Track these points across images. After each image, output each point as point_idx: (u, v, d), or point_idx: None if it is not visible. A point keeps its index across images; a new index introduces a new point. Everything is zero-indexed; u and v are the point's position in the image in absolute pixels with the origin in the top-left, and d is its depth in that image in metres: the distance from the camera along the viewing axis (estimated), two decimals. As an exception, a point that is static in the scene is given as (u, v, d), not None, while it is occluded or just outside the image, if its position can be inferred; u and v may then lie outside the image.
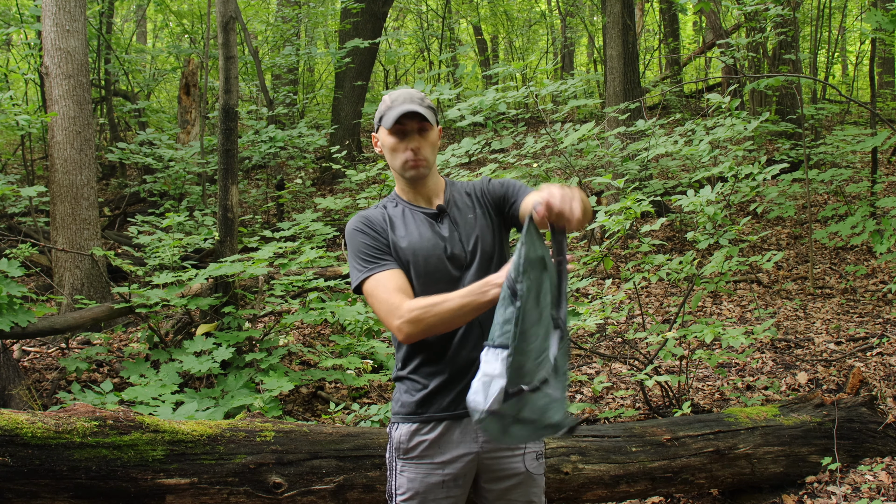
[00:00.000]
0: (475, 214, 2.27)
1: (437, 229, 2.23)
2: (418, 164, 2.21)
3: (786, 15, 7.80)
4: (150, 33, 17.96)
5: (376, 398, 5.35)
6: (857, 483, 3.60)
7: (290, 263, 5.52)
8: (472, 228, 2.24)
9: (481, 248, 2.22)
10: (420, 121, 2.20)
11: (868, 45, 13.99)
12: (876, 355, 5.40)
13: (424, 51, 17.03)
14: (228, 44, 5.64)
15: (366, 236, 2.19)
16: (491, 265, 2.23)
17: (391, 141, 2.22)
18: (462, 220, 2.25)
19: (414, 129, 2.20)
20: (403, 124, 2.19)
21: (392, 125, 2.19)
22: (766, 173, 4.75)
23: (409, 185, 2.28)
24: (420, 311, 2.03)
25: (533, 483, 2.24)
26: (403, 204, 2.29)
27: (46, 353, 5.87)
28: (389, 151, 2.24)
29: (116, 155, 9.98)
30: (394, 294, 2.09)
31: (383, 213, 2.27)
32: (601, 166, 9.20)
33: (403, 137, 2.20)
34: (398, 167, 2.24)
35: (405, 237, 2.21)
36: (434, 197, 2.29)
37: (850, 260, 7.98)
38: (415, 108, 2.17)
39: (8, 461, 2.41)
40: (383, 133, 2.24)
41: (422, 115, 2.18)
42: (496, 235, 2.27)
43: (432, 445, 2.17)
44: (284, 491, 2.79)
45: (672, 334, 4.29)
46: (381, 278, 2.13)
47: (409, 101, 2.19)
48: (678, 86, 14.38)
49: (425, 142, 2.22)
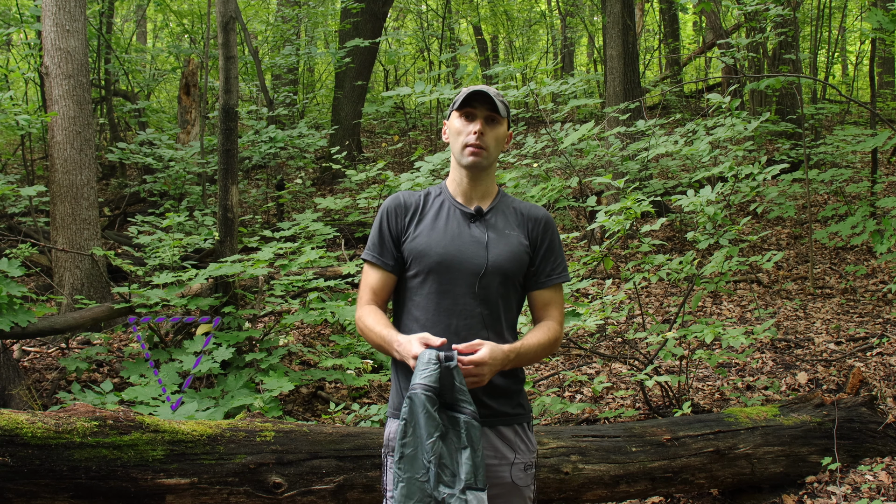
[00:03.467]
0: (516, 234, 2.24)
1: (469, 230, 2.21)
2: (478, 150, 2.18)
3: (786, 15, 7.79)
4: (150, 33, 17.96)
5: (376, 398, 5.35)
6: (857, 483, 3.60)
7: (290, 264, 5.52)
8: (505, 244, 2.20)
9: (503, 266, 2.18)
10: (490, 109, 2.18)
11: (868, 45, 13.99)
12: (876, 355, 5.40)
13: (424, 51, 17.02)
14: (228, 44, 5.64)
15: (385, 222, 2.25)
16: (507, 289, 2.21)
17: (458, 123, 2.21)
18: (497, 231, 2.22)
19: (482, 115, 2.19)
20: (473, 106, 2.19)
21: (462, 105, 2.19)
22: (766, 173, 4.74)
23: (464, 174, 2.24)
24: (362, 322, 2.21)
25: (518, 494, 2.20)
26: (447, 196, 2.27)
27: (46, 353, 5.87)
28: (454, 134, 2.23)
29: (116, 155, 9.97)
30: (365, 291, 2.25)
31: (421, 199, 2.27)
32: (601, 166, 9.21)
33: (470, 120, 2.20)
34: (458, 151, 2.21)
35: (427, 234, 2.20)
36: (480, 199, 2.26)
37: (850, 260, 7.98)
38: (487, 91, 2.17)
39: (8, 461, 2.41)
40: (453, 117, 2.24)
41: (493, 101, 2.17)
42: (522, 267, 2.24)
43: None
44: (284, 491, 2.79)
45: (672, 334, 4.29)
46: (369, 270, 2.27)
47: (484, 88, 2.19)
48: (678, 86, 14.38)
49: (491, 131, 2.20)
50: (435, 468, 1.94)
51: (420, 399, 1.95)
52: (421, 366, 1.98)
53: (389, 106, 13.53)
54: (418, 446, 1.94)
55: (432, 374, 1.96)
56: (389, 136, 15.15)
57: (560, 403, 4.47)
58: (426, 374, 1.96)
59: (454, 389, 1.99)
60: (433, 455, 1.93)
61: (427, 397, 1.95)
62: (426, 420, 1.94)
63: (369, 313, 2.20)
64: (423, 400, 1.94)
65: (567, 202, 6.98)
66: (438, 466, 1.94)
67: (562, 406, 4.45)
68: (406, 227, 2.22)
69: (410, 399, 1.96)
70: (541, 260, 2.26)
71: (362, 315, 2.21)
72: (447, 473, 1.95)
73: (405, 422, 1.96)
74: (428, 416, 1.94)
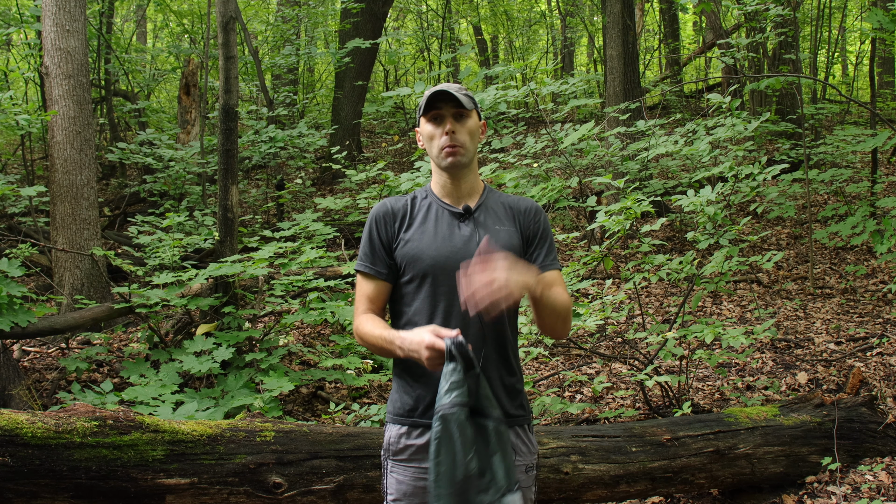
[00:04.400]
0: (506, 229, 2.22)
1: (458, 230, 2.19)
2: (455, 150, 2.16)
3: (786, 15, 7.79)
4: (150, 33, 17.96)
5: (376, 398, 5.35)
6: (857, 483, 3.60)
7: (290, 263, 5.52)
8: (497, 240, 2.17)
9: None
10: (456, 106, 2.16)
11: (868, 45, 13.99)
12: (876, 355, 5.40)
13: (424, 51, 17.03)
14: (228, 44, 5.64)
15: (374, 230, 2.22)
16: None
17: (428, 127, 2.19)
18: (488, 227, 2.20)
19: (450, 114, 2.17)
20: (438, 108, 2.17)
21: (427, 110, 2.17)
22: (766, 173, 4.74)
23: (446, 177, 2.23)
24: (360, 330, 2.18)
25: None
26: (433, 198, 2.26)
27: (46, 353, 5.87)
28: (427, 139, 2.21)
29: (116, 155, 9.97)
30: (360, 301, 2.23)
31: (408, 204, 2.25)
32: (601, 166, 9.20)
33: (439, 122, 2.18)
34: (435, 155, 2.20)
35: (417, 238, 2.18)
36: (467, 197, 2.24)
37: (850, 260, 7.98)
38: (448, 89, 2.14)
39: (8, 461, 2.41)
40: (422, 122, 2.22)
41: (456, 98, 2.14)
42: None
43: (420, 451, 2.14)
44: (284, 491, 2.79)
45: (672, 334, 4.29)
46: (362, 281, 2.24)
47: (444, 86, 2.17)
48: (678, 86, 14.38)
49: (462, 127, 2.18)
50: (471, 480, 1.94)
51: (455, 418, 1.93)
52: (446, 382, 1.93)
53: (389, 106, 13.53)
54: (454, 463, 1.92)
55: (462, 390, 1.93)
56: (389, 136, 15.15)
57: (560, 403, 4.47)
58: (456, 391, 1.93)
59: (479, 396, 1.99)
60: (471, 470, 1.93)
61: (461, 416, 1.93)
62: (461, 438, 1.93)
63: (367, 320, 2.18)
64: (459, 418, 1.93)
65: (567, 202, 6.98)
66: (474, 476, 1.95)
67: (562, 406, 4.45)
68: (396, 233, 2.21)
69: (444, 419, 1.92)
70: (535, 249, 2.24)
71: (360, 323, 2.19)
72: (483, 482, 1.95)
73: (438, 440, 1.92)
74: (463, 434, 1.93)
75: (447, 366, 1.94)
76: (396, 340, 2.06)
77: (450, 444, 1.92)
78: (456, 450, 1.91)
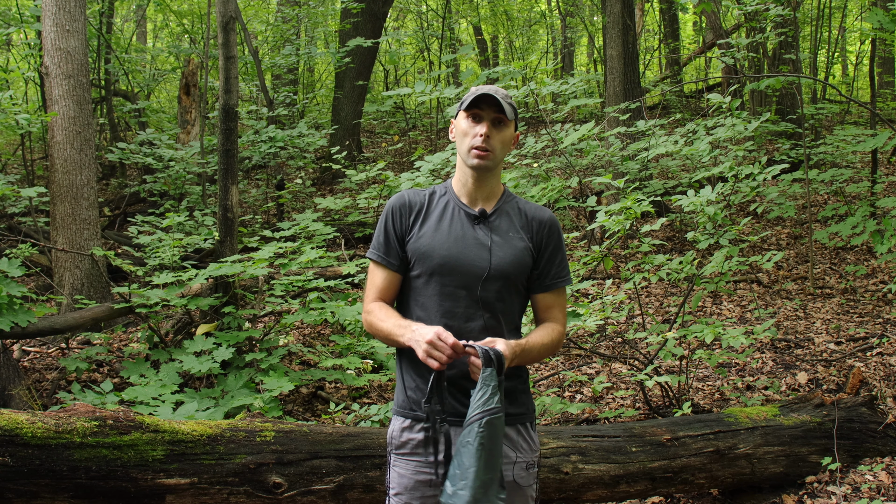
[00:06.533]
0: (519, 236, 2.23)
1: (473, 232, 2.20)
2: (485, 154, 2.19)
3: (786, 15, 7.79)
4: (150, 33, 17.95)
5: (376, 398, 5.35)
6: (857, 483, 3.60)
7: (290, 263, 5.52)
8: (508, 247, 2.20)
9: (506, 270, 2.18)
10: (497, 111, 2.18)
11: (868, 45, 13.98)
12: (876, 355, 5.40)
13: (424, 51, 17.02)
14: (228, 44, 5.64)
15: (389, 221, 2.25)
16: (510, 292, 2.21)
17: (465, 123, 2.21)
18: (501, 233, 2.22)
19: (489, 118, 2.19)
20: (481, 108, 2.18)
21: (469, 107, 2.19)
22: (766, 173, 4.74)
23: (469, 175, 2.24)
24: (370, 318, 2.21)
25: (520, 493, 2.21)
26: (452, 196, 2.27)
27: (46, 353, 5.87)
28: (461, 135, 2.23)
29: (116, 155, 9.97)
30: (371, 290, 2.26)
31: (426, 198, 2.27)
32: (601, 166, 9.20)
33: (477, 121, 2.20)
34: (464, 152, 2.22)
35: (430, 235, 2.20)
36: (485, 199, 2.26)
37: (850, 260, 7.98)
38: (495, 94, 2.17)
39: (8, 461, 2.41)
40: (461, 116, 2.24)
41: (500, 103, 2.17)
42: (525, 270, 2.23)
43: (421, 445, 2.17)
44: (284, 491, 2.79)
45: (672, 334, 4.29)
46: (374, 269, 2.27)
47: (491, 89, 2.19)
48: (678, 86, 14.38)
49: (498, 133, 2.20)
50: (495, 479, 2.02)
51: (500, 421, 1.99)
52: (487, 387, 1.99)
53: (389, 106, 13.54)
54: (490, 464, 1.98)
55: (500, 395, 2.00)
56: (389, 136, 15.15)
57: (560, 403, 4.48)
58: (497, 396, 1.99)
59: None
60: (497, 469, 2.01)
61: (503, 420, 2.01)
62: (499, 441, 2.01)
63: (380, 307, 2.21)
64: (502, 422, 2.01)
65: (567, 202, 6.98)
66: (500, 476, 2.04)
67: (562, 406, 4.45)
68: (410, 226, 2.23)
69: (491, 424, 1.97)
70: (545, 263, 2.25)
71: (372, 309, 2.22)
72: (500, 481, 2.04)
73: (482, 446, 1.96)
74: (501, 436, 2.02)
75: (485, 371, 1.99)
76: (412, 325, 2.11)
77: (492, 446, 1.98)
78: (495, 452, 1.99)
